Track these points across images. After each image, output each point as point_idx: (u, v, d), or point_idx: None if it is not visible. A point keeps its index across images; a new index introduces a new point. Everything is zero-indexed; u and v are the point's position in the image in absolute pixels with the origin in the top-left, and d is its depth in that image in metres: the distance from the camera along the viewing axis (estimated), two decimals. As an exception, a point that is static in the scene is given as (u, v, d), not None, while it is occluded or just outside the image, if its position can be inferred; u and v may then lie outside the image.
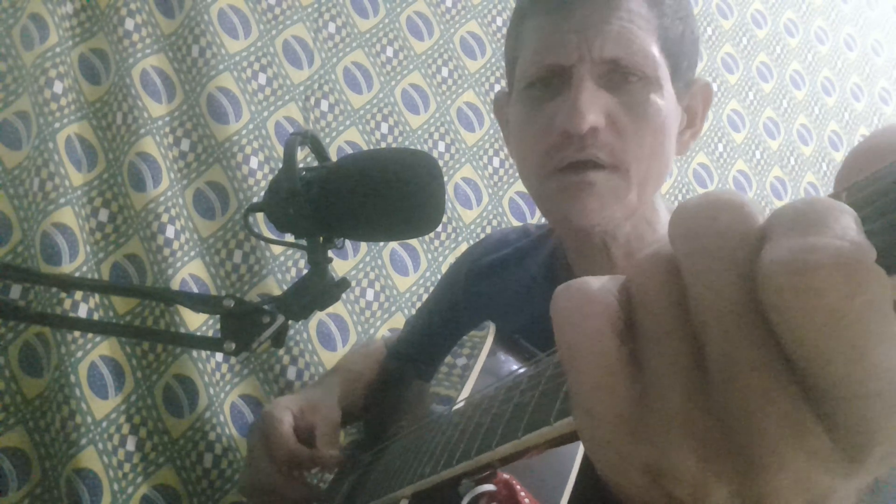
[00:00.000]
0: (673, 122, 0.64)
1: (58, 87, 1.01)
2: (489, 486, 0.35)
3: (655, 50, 0.62)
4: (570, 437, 0.25)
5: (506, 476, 0.36)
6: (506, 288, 0.81)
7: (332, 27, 1.26)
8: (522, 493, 0.35)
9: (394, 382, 0.92)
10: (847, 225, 0.16)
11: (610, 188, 0.62)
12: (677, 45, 0.64)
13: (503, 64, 0.75)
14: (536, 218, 1.33)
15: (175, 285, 0.99)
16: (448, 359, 0.66)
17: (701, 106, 0.71)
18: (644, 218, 0.68)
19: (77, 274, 0.95)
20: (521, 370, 0.32)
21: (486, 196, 1.31)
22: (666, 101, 0.63)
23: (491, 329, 0.61)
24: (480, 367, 0.55)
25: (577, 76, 0.61)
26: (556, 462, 0.40)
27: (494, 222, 1.31)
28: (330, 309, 0.99)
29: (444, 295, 0.91)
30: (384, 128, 1.26)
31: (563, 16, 0.62)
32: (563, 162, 0.62)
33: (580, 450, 0.40)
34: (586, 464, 0.40)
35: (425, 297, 1.03)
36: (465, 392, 0.52)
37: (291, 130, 1.17)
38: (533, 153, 0.65)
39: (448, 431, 0.38)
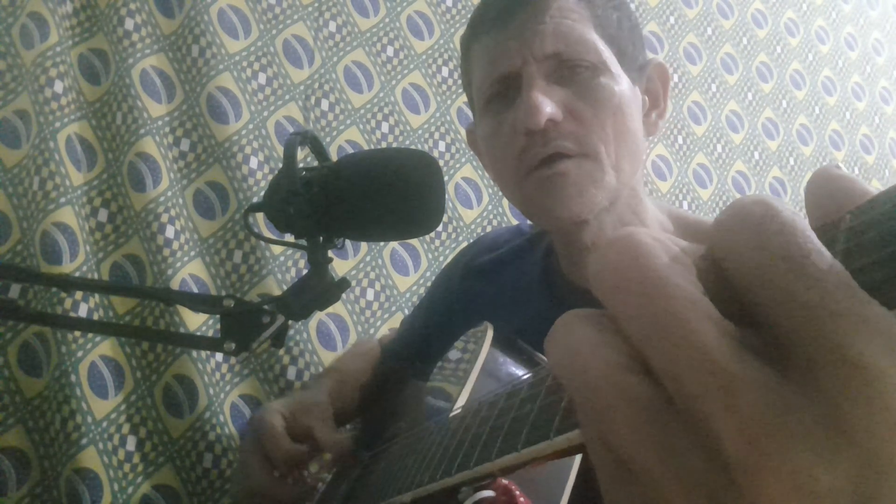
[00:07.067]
0: (631, 103, 0.66)
1: (58, 86, 1.01)
2: (488, 493, 0.35)
3: (595, 38, 0.64)
4: (569, 452, 0.25)
5: (505, 482, 0.36)
6: (501, 288, 0.81)
7: (332, 26, 1.26)
8: (522, 499, 0.35)
9: (390, 383, 0.92)
10: None
11: (584, 173, 0.63)
12: (616, 31, 0.67)
13: None
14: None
15: (175, 285, 0.99)
16: (445, 354, 0.66)
17: (660, 86, 0.73)
18: (629, 207, 0.69)
19: (77, 274, 0.95)
20: (520, 377, 0.32)
21: (487, 196, 1.31)
22: (620, 85, 0.64)
23: (489, 327, 0.61)
24: (480, 367, 0.55)
25: (527, 77, 0.63)
26: (555, 468, 0.40)
27: (494, 222, 1.30)
28: (330, 309, 0.99)
29: (440, 295, 0.91)
30: (384, 127, 1.26)
31: (500, 30, 0.66)
32: (534, 160, 0.63)
33: (578, 457, 0.40)
34: (584, 469, 0.40)
35: (426, 297, 1.02)
36: (465, 393, 0.52)
37: (291, 130, 1.17)
38: (505, 163, 0.67)
39: (447, 439, 0.38)
